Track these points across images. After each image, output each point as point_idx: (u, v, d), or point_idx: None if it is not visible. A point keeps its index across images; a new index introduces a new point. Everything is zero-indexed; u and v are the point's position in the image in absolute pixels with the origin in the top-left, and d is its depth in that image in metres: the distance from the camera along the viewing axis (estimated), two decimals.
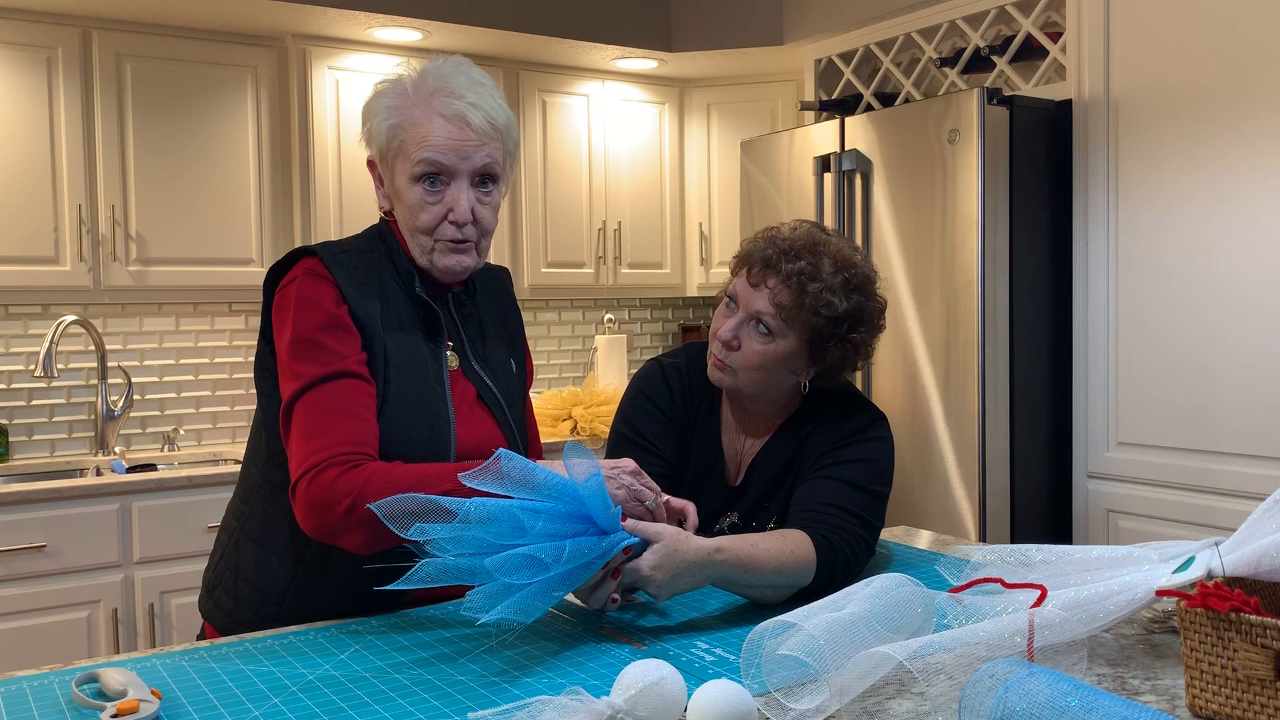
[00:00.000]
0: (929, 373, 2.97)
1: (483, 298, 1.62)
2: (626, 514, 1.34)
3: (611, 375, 4.34)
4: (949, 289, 2.90)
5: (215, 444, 3.79)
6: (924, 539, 1.88)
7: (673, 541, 1.30)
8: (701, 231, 4.39)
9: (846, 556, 1.46)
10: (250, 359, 3.81)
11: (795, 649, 1.04)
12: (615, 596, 1.33)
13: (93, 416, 3.59)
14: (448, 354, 1.52)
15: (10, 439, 3.46)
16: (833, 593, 1.18)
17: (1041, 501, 2.97)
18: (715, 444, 1.68)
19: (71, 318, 3.39)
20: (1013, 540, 2.89)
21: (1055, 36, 3.09)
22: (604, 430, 3.88)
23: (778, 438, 1.65)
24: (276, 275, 1.46)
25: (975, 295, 2.83)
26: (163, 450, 3.68)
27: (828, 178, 3.24)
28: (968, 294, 2.85)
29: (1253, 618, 0.96)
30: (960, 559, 1.41)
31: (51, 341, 3.31)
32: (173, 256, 3.46)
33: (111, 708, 1.04)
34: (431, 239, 1.45)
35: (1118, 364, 2.86)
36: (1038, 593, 1.17)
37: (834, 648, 1.04)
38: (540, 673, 1.19)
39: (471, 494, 1.23)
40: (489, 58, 3.96)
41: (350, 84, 3.67)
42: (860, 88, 3.74)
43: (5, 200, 3.22)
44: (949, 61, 3.39)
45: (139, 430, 3.67)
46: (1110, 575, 1.19)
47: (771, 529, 1.60)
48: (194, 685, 1.16)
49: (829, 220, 3.22)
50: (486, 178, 1.46)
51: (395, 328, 1.45)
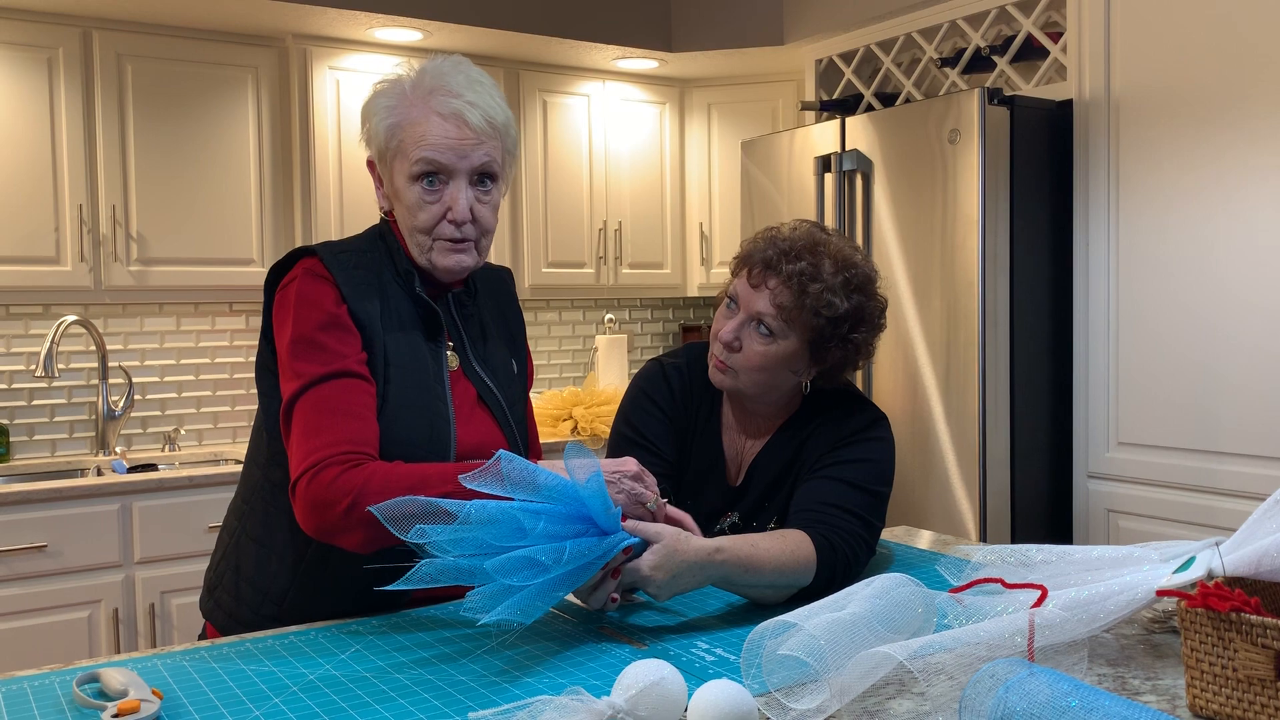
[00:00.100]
0: (929, 373, 2.97)
1: (484, 298, 1.62)
2: (627, 514, 1.34)
3: (612, 375, 4.34)
4: (949, 289, 2.90)
5: (216, 444, 3.80)
6: (924, 539, 1.88)
7: (673, 542, 1.30)
8: (702, 231, 4.39)
9: (847, 557, 1.46)
10: (251, 359, 3.81)
11: (796, 649, 1.04)
12: (615, 596, 1.32)
13: (93, 416, 3.59)
14: (449, 354, 1.52)
15: (11, 439, 3.46)
16: (833, 593, 1.18)
17: (1042, 501, 2.97)
18: (716, 444, 1.68)
19: (72, 318, 3.39)
20: (1013, 540, 2.89)
21: (1056, 36, 3.09)
22: (604, 430, 3.88)
23: (778, 438, 1.65)
24: (277, 275, 1.46)
25: (976, 295, 2.83)
26: (163, 450, 3.68)
27: (828, 178, 3.24)
28: (968, 294, 2.85)
29: (1253, 618, 0.96)
30: (961, 559, 1.41)
31: (52, 341, 3.31)
32: (173, 256, 3.46)
33: (112, 707, 1.04)
34: (430, 238, 1.45)
35: (1118, 364, 2.86)
36: (1038, 593, 1.17)
37: (834, 648, 1.04)
38: (541, 673, 1.19)
39: (472, 495, 1.22)
40: (489, 58, 3.96)
41: (351, 84, 3.67)
42: (861, 88, 3.74)
43: (6, 200, 3.22)
44: (949, 61, 3.38)
45: (140, 430, 3.67)
46: (1111, 575, 1.19)
47: (772, 529, 1.60)
48: (195, 685, 1.16)
49: (829, 220, 3.21)
50: (485, 176, 1.46)
51: (395, 328, 1.45)
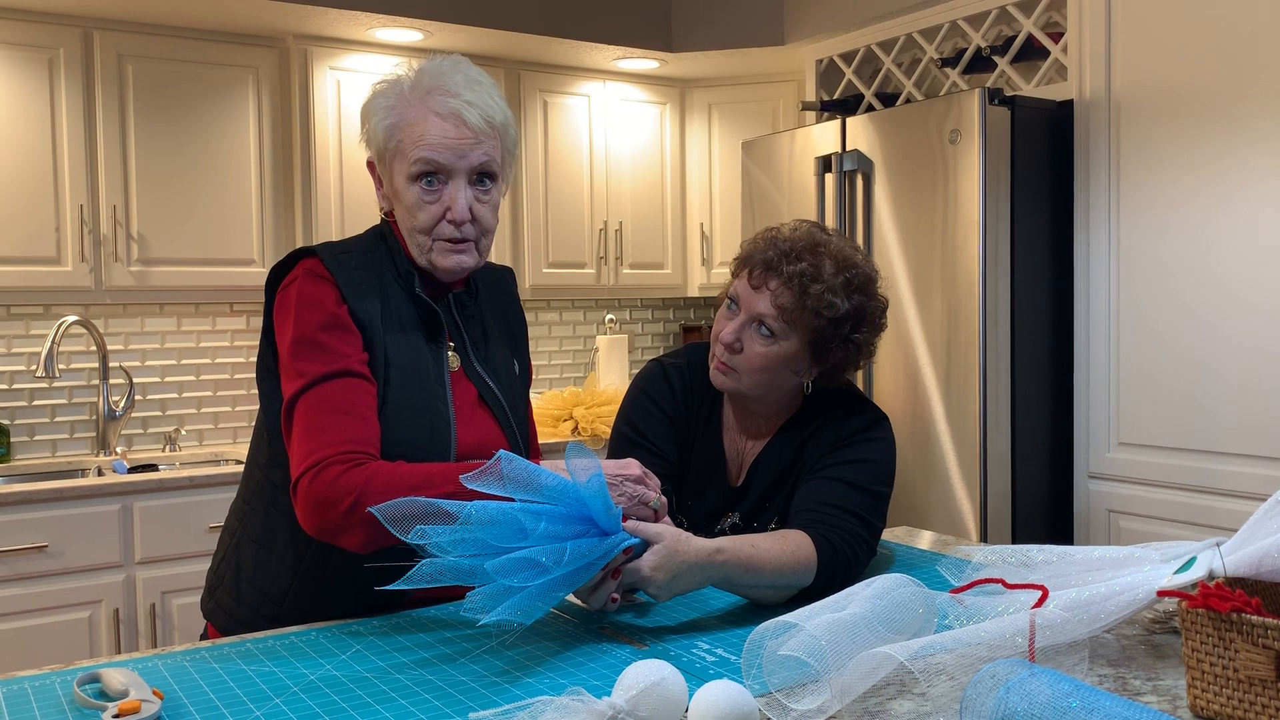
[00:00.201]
0: (930, 373, 2.97)
1: (485, 298, 1.62)
2: (628, 515, 1.34)
3: (613, 376, 4.34)
4: (950, 289, 2.90)
5: (216, 444, 3.80)
6: (925, 539, 1.88)
7: (673, 542, 1.30)
8: (703, 232, 4.39)
9: (847, 557, 1.46)
10: (251, 359, 3.81)
11: (796, 649, 1.04)
12: (615, 597, 1.32)
13: (94, 417, 3.59)
14: (449, 355, 1.52)
15: (12, 439, 3.47)
16: (833, 593, 1.18)
17: (1043, 502, 2.97)
18: (717, 444, 1.68)
19: (73, 318, 3.39)
20: (1014, 540, 2.89)
21: (1056, 37, 3.09)
22: (605, 431, 3.88)
23: (779, 438, 1.65)
24: (278, 276, 1.46)
25: (976, 295, 2.83)
26: (164, 451, 3.68)
27: (829, 178, 3.24)
28: (969, 294, 2.85)
29: (1254, 618, 0.96)
30: (961, 559, 1.41)
31: (53, 342, 3.32)
32: (174, 257, 3.46)
33: (113, 708, 1.04)
34: (430, 238, 1.45)
35: (1119, 364, 2.86)
36: (1039, 593, 1.17)
37: (835, 648, 1.04)
38: (541, 673, 1.19)
39: (474, 496, 1.22)
40: (490, 58, 3.96)
41: (351, 84, 3.67)
42: (861, 88, 3.74)
43: (7, 201, 3.22)
44: (950, 62, 3.38)
45: (140, 430, 3.67)
46: (1111, 576, 1.19)
47: (773, 529, 1.60)
48: (196, 685, 1.16)
49: (830, 221, 3.21)
50: (484, 176, 1.46)
51: (396, 328, 1.45)
